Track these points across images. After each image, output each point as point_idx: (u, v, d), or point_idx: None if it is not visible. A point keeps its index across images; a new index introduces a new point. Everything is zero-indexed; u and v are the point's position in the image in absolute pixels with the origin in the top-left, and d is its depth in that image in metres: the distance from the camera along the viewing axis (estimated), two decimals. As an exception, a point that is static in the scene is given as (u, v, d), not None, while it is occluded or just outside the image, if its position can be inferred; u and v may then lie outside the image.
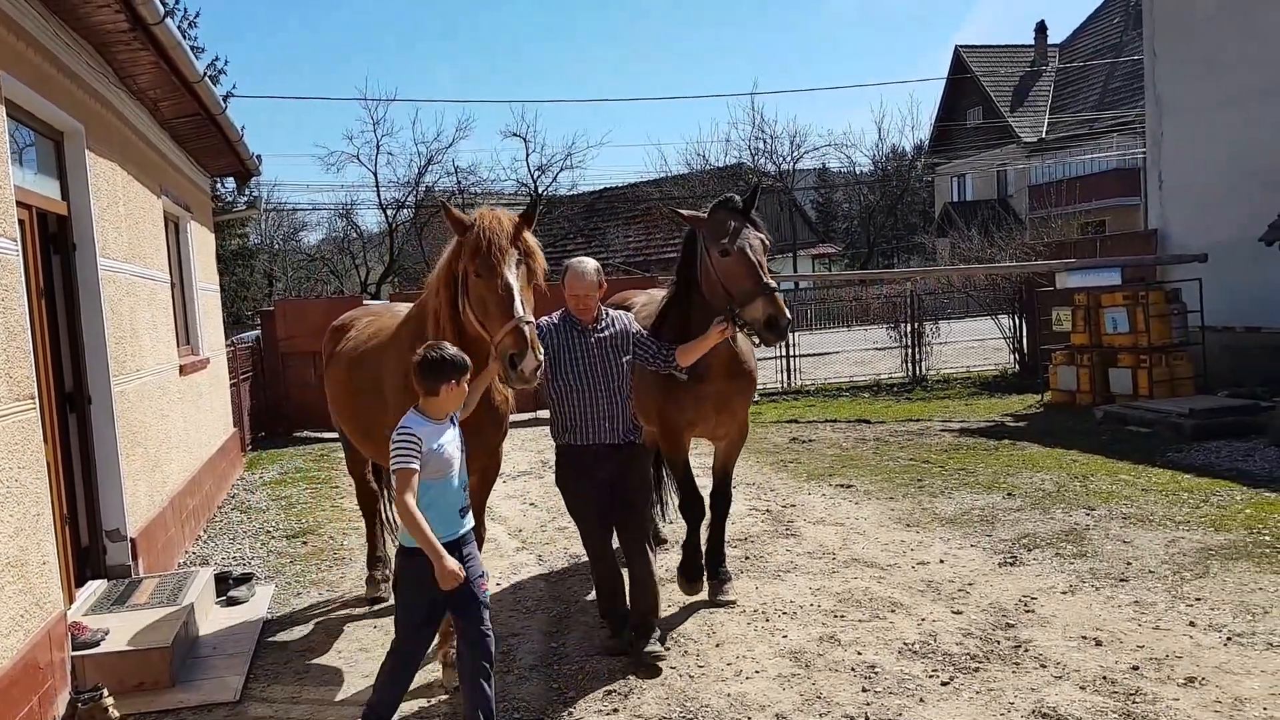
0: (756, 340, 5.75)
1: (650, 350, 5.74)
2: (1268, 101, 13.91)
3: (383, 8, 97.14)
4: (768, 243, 5.78)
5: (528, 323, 4.71)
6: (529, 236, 5.09)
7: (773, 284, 5.51)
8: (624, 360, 5.64)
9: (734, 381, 6.26)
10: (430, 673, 5.53)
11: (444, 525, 4.35)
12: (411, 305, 5.89)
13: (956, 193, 49.93)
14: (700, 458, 8.64)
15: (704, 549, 6.64)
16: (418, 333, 5.31)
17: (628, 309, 6.59)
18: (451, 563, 4.20)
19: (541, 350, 4.74)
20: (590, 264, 5.69)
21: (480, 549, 5.24)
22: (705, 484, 6.67)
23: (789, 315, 5.51)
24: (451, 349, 4.46)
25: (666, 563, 7.23)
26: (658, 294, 7.04)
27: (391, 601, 6.10)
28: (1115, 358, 14.00)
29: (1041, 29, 49.74)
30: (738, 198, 5.87)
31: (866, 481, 10.00)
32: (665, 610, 6.18)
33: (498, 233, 4.91)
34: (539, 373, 4.71)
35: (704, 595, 6.57)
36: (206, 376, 11.38)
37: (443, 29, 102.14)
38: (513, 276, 4.83)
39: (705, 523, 6.59)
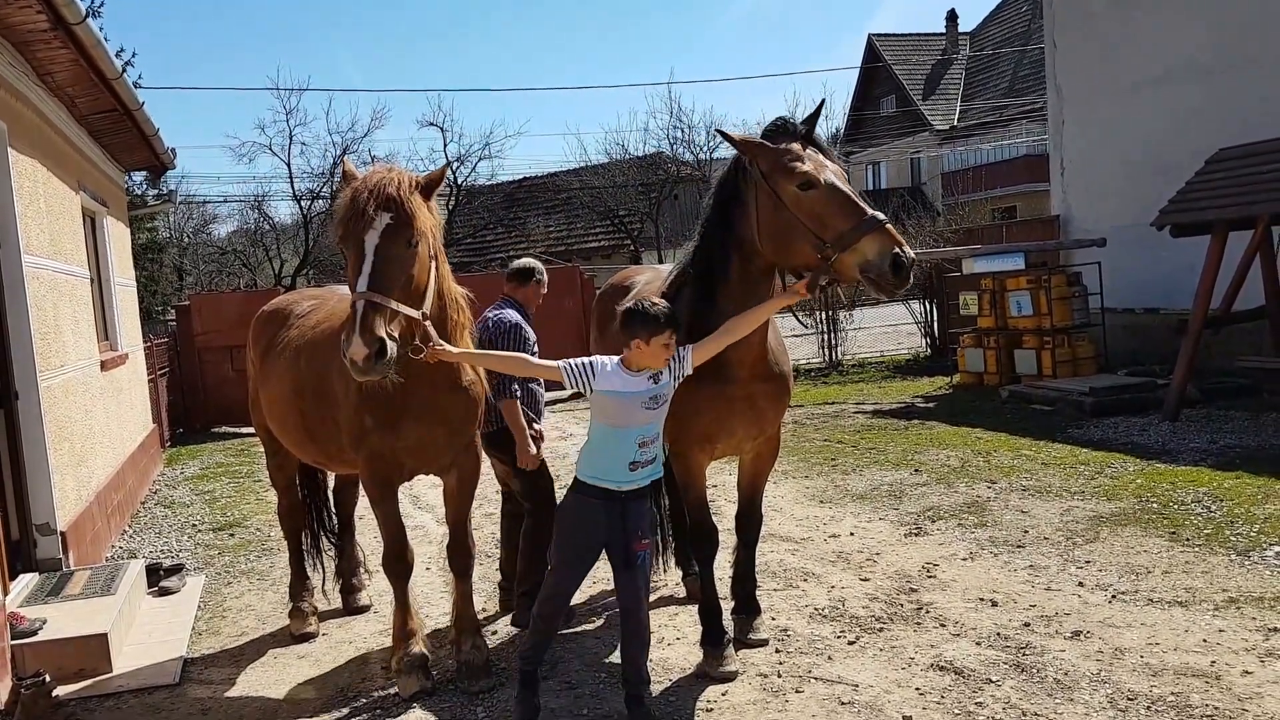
0: (872, 293, 4.56)
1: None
2: (1153, 91, 14.62)
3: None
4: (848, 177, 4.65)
5: (372, 303, 4.18)
6: (413, 198, 4.42)
7: (881, 215, 4.37)
8: None
9: (765, 384, 5.06)
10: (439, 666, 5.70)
11: (608, 472, 4.42)
12: None
13: (871, 180, 50.77)
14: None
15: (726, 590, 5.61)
16: None
17: (628, 289, 5.99)
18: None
19: (382, 338, 4.15)
20: None
21: (470, 569, 5.33)
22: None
23: (913, 252, 4.35)
24: (656, 305, 4.38)
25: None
26: (664, 270, 5.91)
27: (323, 635, 6.24)
28: (1020, 339, 14.53)
29: (952, 17, 50.77)
30: (797, 121, 4.72)
31: (783, 462, 10.33)
32: (592, 587, 6.45)
33: (362, 192, 4.35)
34: (377, 366, 4.14)
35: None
36: (126, 372, 11.35)
37: (355, 17, 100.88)
38: (369, 242, 4.29)
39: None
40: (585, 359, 4.49)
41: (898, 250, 4.23)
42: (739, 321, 4.67)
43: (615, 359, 4.47)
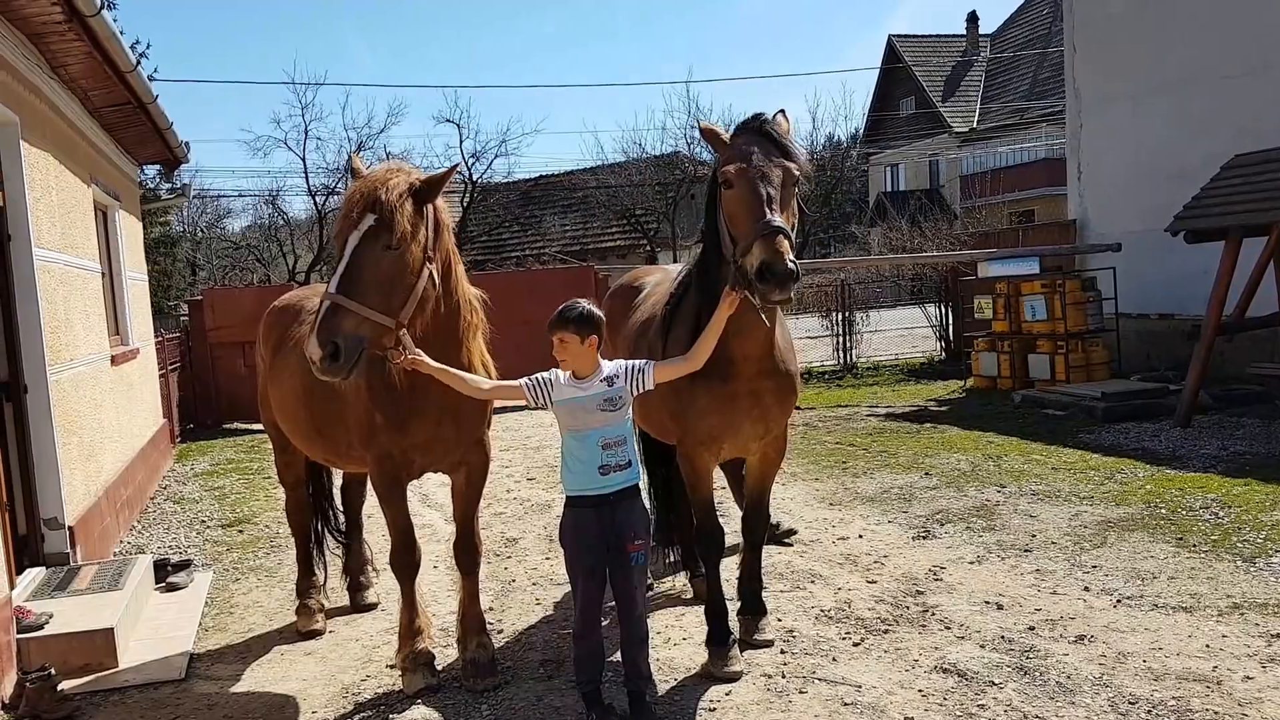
0: (756, 301, 4.34)
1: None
2: (1169, 96, 14.56)
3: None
4: (798, 173, 4.41)
5: (335, 305, 4.18)
6: (402, 202, 4.34)
7: (777, 222, 4.19)
8: None
9: (770, 381, 5.00)
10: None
11: (582, 482, 4.43)
12: None
13: (889, 182, 50.60)
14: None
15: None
16: None
17: (638, 290, 6.01)
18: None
19: (337, 342, 4.14)
20: None
21: (477, 567, 5.33)
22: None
23: (790, 263, 4.10)
24: (579, 305, 4.39)
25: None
26: (674, 270, 5.91)
27: (330, 633, 6.27)
28: (1034, 344, 14.49)
29: (973, 19, 50.51)
30: (769, 116, 4.49)
31: (793, 464, 10.31)
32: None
33: (356, 191, 4.37)
34: (331, 367, 4.16)
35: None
36: (137, 366, 11.40)
37: (372, 11, 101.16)
38: (350, 242, 4.28)
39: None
40: (543, 374, 4.50)
41: (765, 258, 4.09)
42: (699, 347, 4.63)
43: (561, 371, 4.50)
